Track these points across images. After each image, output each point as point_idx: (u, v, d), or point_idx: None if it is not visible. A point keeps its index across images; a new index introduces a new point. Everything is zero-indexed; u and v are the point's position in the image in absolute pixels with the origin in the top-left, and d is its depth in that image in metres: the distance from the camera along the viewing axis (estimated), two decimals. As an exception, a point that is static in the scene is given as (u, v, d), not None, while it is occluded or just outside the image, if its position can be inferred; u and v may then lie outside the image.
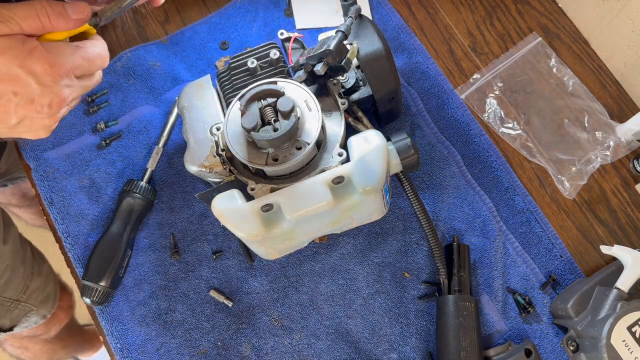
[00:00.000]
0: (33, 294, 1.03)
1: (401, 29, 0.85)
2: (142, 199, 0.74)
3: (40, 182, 0.77)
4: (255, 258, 0.75)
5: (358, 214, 0.65)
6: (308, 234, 0.66)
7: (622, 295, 0.67)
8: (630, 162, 0.81)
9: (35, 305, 1.05)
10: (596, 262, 0.77)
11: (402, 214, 0.77)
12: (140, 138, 0.80)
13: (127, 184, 0.75)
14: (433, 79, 0.83)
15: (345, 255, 0.75)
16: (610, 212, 0.79)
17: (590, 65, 0.86)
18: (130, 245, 0.74)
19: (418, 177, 0.78)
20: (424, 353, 0.72)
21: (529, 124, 0.82)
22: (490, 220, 0.76)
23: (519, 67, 0.85)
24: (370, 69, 0.65)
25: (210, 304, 0.74)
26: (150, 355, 0.72)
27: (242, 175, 0.63)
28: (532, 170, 0.81)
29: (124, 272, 0.74)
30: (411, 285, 0.74)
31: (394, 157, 0.66)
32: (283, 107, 0.59)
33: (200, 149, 0.68)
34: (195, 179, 0.78)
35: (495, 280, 0.74)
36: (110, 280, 0.71)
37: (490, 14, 0.88)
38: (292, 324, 0.73)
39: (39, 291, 1.06)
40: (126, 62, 0.82)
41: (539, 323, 0.73)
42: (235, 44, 0.85)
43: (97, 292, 0.70)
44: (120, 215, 0.73)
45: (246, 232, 0.59)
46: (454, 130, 0.81)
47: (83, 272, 0.71)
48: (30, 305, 1.04)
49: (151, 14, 0.87)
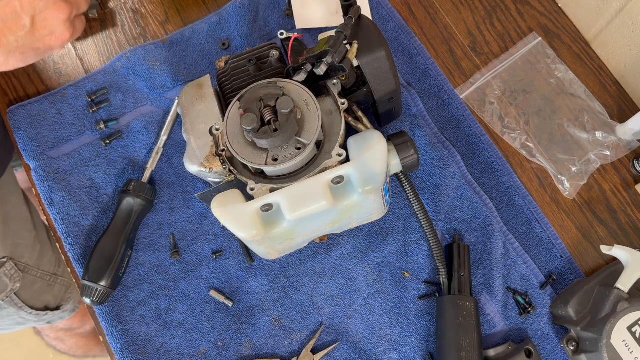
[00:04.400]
0: (67, 270, 1.03)
1: (401, 29, 0.85)
2: (142, 199, 0.74)
3: (40, 182, 0.77)
4: (255, 258, 0.75)
5: (358, 214, 0.65)
6: (308, 234, 0.66)
7: (622, 295, 0.67)
8: (630, 162, 0.81)
9: (70, 282, 1.05)
10: (596, 262, 0.77)
11: (402, 214, 0.77)
12: (140, 138, 0.80)
13: (127, 184, 0.75)
14: (433, 79, 0.83)
15: (345, 255, 0.75)
16: (610, 212, 0.79)
17: (590, 65, 0.86)
18: (131, 245, 0.74)
19: (418, 177, 0.78)
20: (424, 353, 0.72)
21: (529, 124, 0.82)
22: (490, 220, 0.76)
23: (519, 67, 0.85)
24: (370, 69, 0.65)
25: (210, 304, 0.74)
26: (150, 355, 0.72)
27: (242, 175, 0.63)
28: (532, 170, 0.81)
29: (124, 272, 0.74)
30: (411, 285, 0.74)
31: (394, 157, 0.66)
32: (283, 107, 0.59)
33: (200, 149, 0.68)
34: (195, 179, 0.78)
35: (495, 280, 0.74)
36: (111, 280, 0.71)
37: (490, 14, 0.88)
38: (292, 324, 0.73)
39: None
40: (126, 62, 0.82)
41: (539, 323, 0.73)
42: (235, 44, 0.85)
43: (97, 292, 0.70)
44: (120, 215, 0.73)
45: (246, 232, 0.59)
46: (454, 130, 0.81)
47: (83, 272, 0.71)
48: (68, 279, 1.03)
49: (151, 14, 0.87)
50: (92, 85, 0.82)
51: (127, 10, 0.87)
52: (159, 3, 0.88)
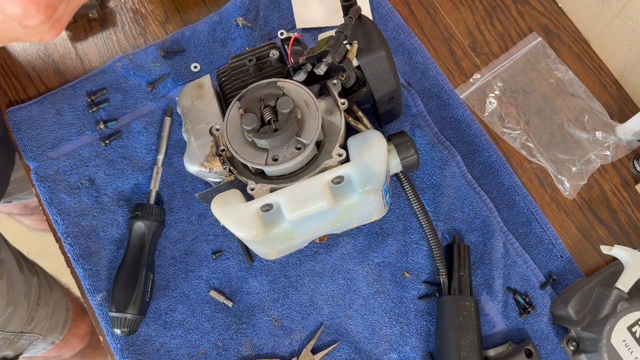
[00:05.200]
0: (39, 324, 1.01)
1: (401, 29, 0.85)
2: (152, 221, 0.73)
3: (39, 182, 0.77)
4: (255, 258, 0.75)
5: (358, 214, 0.65)
6: (308, 234, 0.66)
7: (622, 295, 0.67)
8: (630, 162, 0.81)
9: (41, 334, 1.03)
10: (596, 262, 0.77)
11: (402, 214, 0.77)
12: (140, 138, 0.79)
13: (134, 208, 0.74)
14: (433, 79, 0.83)
15: (345, 255, 0.75)
16: (610, 212, 0.79)
17: (590, 65, 0.86)
18: (151, 268, 0.73)
19: (418, 177, 0.78)
20: (424, 353, 0.72)
21: (529, 124, 0.82)
22: (490, 220, 0.76)
23: (519, 67, 0.85)
24: (370, 69, 0.65)
25: (210, 304, 0.74)
26: (150, 355, 0.72)
27: (242, 175, 0.63)
28: (532, 170, 0.81)
29: (150, 297, 0.72)
30: (411, 285, 0.74)
31: (394, 157, 0.66)
32: (283, 107, 0.59)
33: (200, 149, 0.68)
34: (195, 179, 0.78)
35: (495, 280, 0.74)
36: (138, 307, 0.69)
37: (490, 14, 0.88)
38: (292, 324, 0.73)
39: (45, 320, 1.03)
40: (126, 62, 0.82)
41: (539, 323, 0.73)
42: (236, 44, 0.85)
43: (126, 321, 0.69)
44: (134, 241, 0.72)
45: (246, 232, 0.59)
46: (454, 130, 0.81)
47: (109, 305, 0.70)
48: (36, 334, 1.01)
49: (151, 13, 0.87)
50: (91, 85, 0.82)
51: (127, 10, 0.87)
52: (159, 3, 0.88)
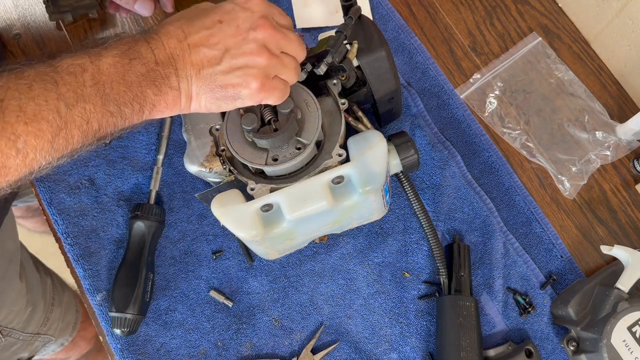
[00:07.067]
0: (53, 325, 1.02)
1: (401, 29, 0.85)
2: (152, 221, 0.73)
3: (39, 182, 0.77)
4: (255, 258, 0.75)
5: (358, 214, 0.65)
6: (308, 234, 0.66)
7: (622, 295, 0.67)
8: (630, 162, 0.81)
9: (54, 335, 1.04)
10: (596, 262, 0.77)
11: (402, 214, 0.76)
12: (140, 138, 0.79)
13: (134, 208, 0.74)
14: (433, 79, 0.83)
15: (345, 255, 0.75)
16: (610, 212, 0.79)
17: (590, 65, 0.86)
18: (151, 268, 0.73)
19: (418, 177, 0.78)
20: (424, 353, 0.72)
21: (529, 124, 0.82)
22: (490, 220, 0.76)
23: (519, 67, 0.85)
24: (370, 69, 0.65)
25: (210, 304, 0.74)
26: (150, 355, 0.71)
27: (242, 175, 0.63)
28: (532, 170, 0.81)
29: (150, 297, 0.72)
30: (411, 285, 0.74)
31: (394, 157, 0.66)
32: (283, 107, 0.59)
33: (200, 149, 0.68)
34: (195, 179, 0.78)
35: (495, 280, 0.74)
36: (137, 307, 0.69)
37: (490, 14, 0.88)
38: (292, 324, 0.73)
39: (58, 321, 1.05)
40: (126, 62, 0.82)
41: (539, 323, 0.73)
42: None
43: (126, 321, 0.69)
44: (134, 241, 0.72)
45: (246, 232, 0.59)
46: (454, 130, 0.81)
47: (109, 304, 0.70)
48: (50, 335, 1.03)
49: (151, 13, 0.87)
50: (91, 85, 0.82)
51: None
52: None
